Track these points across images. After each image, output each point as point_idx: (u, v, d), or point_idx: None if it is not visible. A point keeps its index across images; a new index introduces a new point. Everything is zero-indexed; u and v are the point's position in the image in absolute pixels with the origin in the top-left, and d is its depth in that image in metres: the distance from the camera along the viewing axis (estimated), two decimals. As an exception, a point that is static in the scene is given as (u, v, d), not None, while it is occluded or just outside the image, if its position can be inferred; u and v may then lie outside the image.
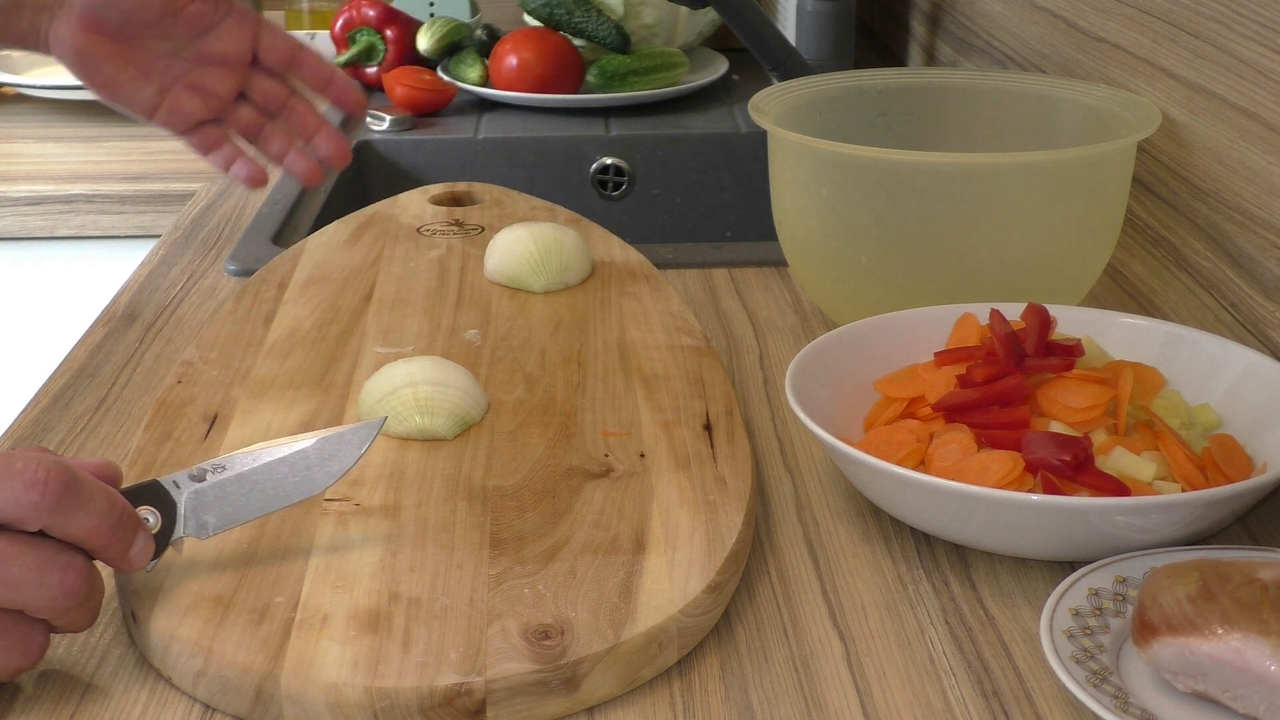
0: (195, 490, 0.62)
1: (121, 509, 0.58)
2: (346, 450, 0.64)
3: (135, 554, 0.59)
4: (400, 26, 1.66)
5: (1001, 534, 0.66)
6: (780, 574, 0.68)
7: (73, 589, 0.57)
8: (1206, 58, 0.89)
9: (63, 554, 0.57)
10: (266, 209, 1.24)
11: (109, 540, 0.58)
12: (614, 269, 0.99)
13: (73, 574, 0.57)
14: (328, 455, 0.64)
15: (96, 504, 0.57)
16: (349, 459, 0.64)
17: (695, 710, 0.59)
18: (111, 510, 0.57)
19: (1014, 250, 0.87)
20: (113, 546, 0.58)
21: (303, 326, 0.90)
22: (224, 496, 0.63)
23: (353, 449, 0.65)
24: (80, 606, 0.58)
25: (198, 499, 0.62)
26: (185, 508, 0.62)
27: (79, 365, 0.93)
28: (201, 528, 0.62)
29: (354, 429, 0.65)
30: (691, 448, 0.74)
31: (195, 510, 0.62)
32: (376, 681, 0.56)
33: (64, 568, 0.56)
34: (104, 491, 0.58)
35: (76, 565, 0.57)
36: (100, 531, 0.57)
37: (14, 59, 1.73)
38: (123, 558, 0.59)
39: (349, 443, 0.65)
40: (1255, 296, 0.84)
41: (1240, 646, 0.55)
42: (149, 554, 0.60)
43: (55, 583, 0.56)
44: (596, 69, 1.59)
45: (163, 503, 0.61)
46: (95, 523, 0.57)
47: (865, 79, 1.04)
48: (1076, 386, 0.72)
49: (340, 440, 0.64)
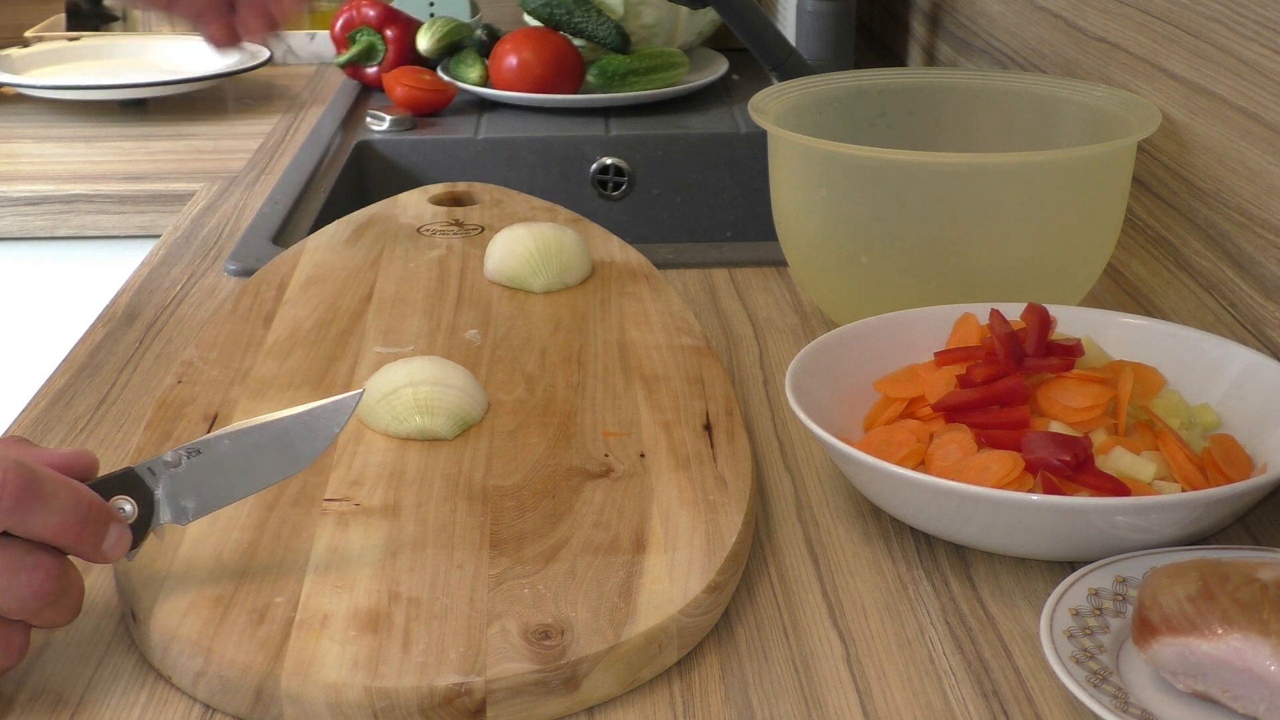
0: (172, 475, 0.61)
1: (89, 503, 0.57)
2: (326, 425, 0.63)
3: (110, 546, 0.58)
4: (400, 26, 1.66)
5: (1001, 534, 0.66)
6: (780, 574, 0.68)
7: (42, 590, 0.56)
8: (1206, 58, 0.89)
9: (30, 554, 0.55)
10: (267, 209, 1.24)
11: (77, 536, 0.56)
12: (614, 269, 0.99)
13: (41, 574, 0.55)
14: (306, 431, 0.62)
15: (60, 501, 0.55)
16: (329, 434, 0.63)
17: (695, 710, 0.59)
18: (77, 506, 0.56)
19: (1014, 250, 0.87)
20: (83, 541, 0.57)
21: (303, 326, 0.90)
22: (202, 480, 0.61)
23: (332, 423, 0.63)
24: (55, 605, 0.57)
25: (174, 484, 0.61)
26: (163, 494, 0.61)
27: (79, 365, 0.93)
28: (181, 513, 0.61)
29: (331, 403, 0.63)
30: (691, 448, 0.74)
31: (173, 496, 0.61)
32: (376, 681, 0.56)
33: (31, 569, 0.55)
34: (67, 487, 0.56)
35: (45, 565, 0.56)
36: (66, 528, 0.56)
37: (13, 59, 1.73)
38: (96, 551, 0.57)
39: (327, 418, 0.63)
40: (1255, 296, 0.84)
41: (1240, 646, 0.55)
42: (125, 545, 0.59)
43: (24, 584, 0.55)
44: (596, 69, 1.59)
45: (139, 491, 0.60)
46: (59, 520, 0.56)
47: (865, 79, 1.04)
48: (1076, 386, 0.72)
49: (318, 416, 0.63)
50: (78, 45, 1.82)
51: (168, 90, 1.65)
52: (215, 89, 1.73)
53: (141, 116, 1.63)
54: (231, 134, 1.55)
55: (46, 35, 1.91)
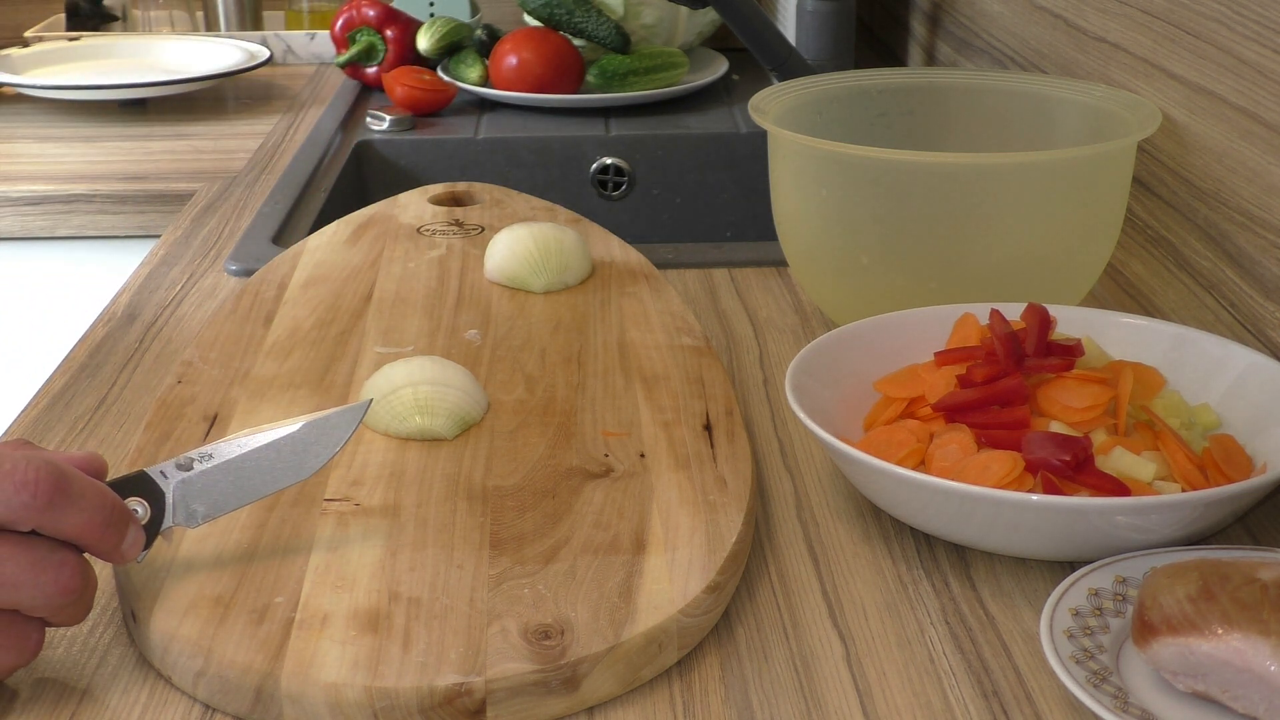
0: (183, 479, 0.62)
1: (112, 504, 0.58)
2: (334, 434, 0.64)
3: (127, 547, 0.59)
4: (400, 26, 1.66)
5: (1001, 534, 0.66)
6: (780, 574, 0.68)
7: (68, 586, 0.57)
8: (1206, 58, 0.89)
9: (56, 552, 0.56)
10: (266, 209, 1.24)
11: (101, 536, 0.58)
12: (614, 269, 0.99)
13: (67, 571, 0.56)
14: (315, 439, 0.64)
15: (88, 501, 0.57)
16: (336, 442, 0.64)
17: (695, 710, 0.59)
18: (103, 506, 0.57)
19: (1014, 250, 0.87)
20: (106, 541, 0.58)
21: (303, 326, 0.90)
22: (212, 484, 0.62)
23: (340, 432, 0.64)
24: (75, 603, 0.58)
25: (186, 488, 0.62)
26: (174, 497, 0.62)
27: (79, 365, 0.93)
28: (191, 516, 0.62)
29: (340, 412, 0.64)
30: (691, 448, 0.74)
31: (184, 499, 0.62)
32: (376, 681, 0.56)
33: (58, 566, 0.56)
34: (94, 488, 0.57)
35: (70, 563, 0.57)
36: (92, 528, 0.57)
37: (13, 59, 1.73)
38: (115, 551, 0.59)
39: (336, 426, 0.64)
40: (1255, 296, 0.84)
41: (1240, 646, 0.55)
42: (140, 545, 0.60)
43: (50, 581, 0.56)
44: (596, 69, 1.59)
45: (151, 493, 0.61)
46: (87, 520, 0.57)
47: (865, 79, 1.04)
48: (1076, 386, 0.72)
49: (327, 424, 0.64)
50: (78, 45, 1.82)
51: (168, 90, 1.65)
52: (215, 89, 1.73)
53: (141, 116, 1.63)
54: (231, 134, 1.55)
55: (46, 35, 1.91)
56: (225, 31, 2.00)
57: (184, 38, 1.89)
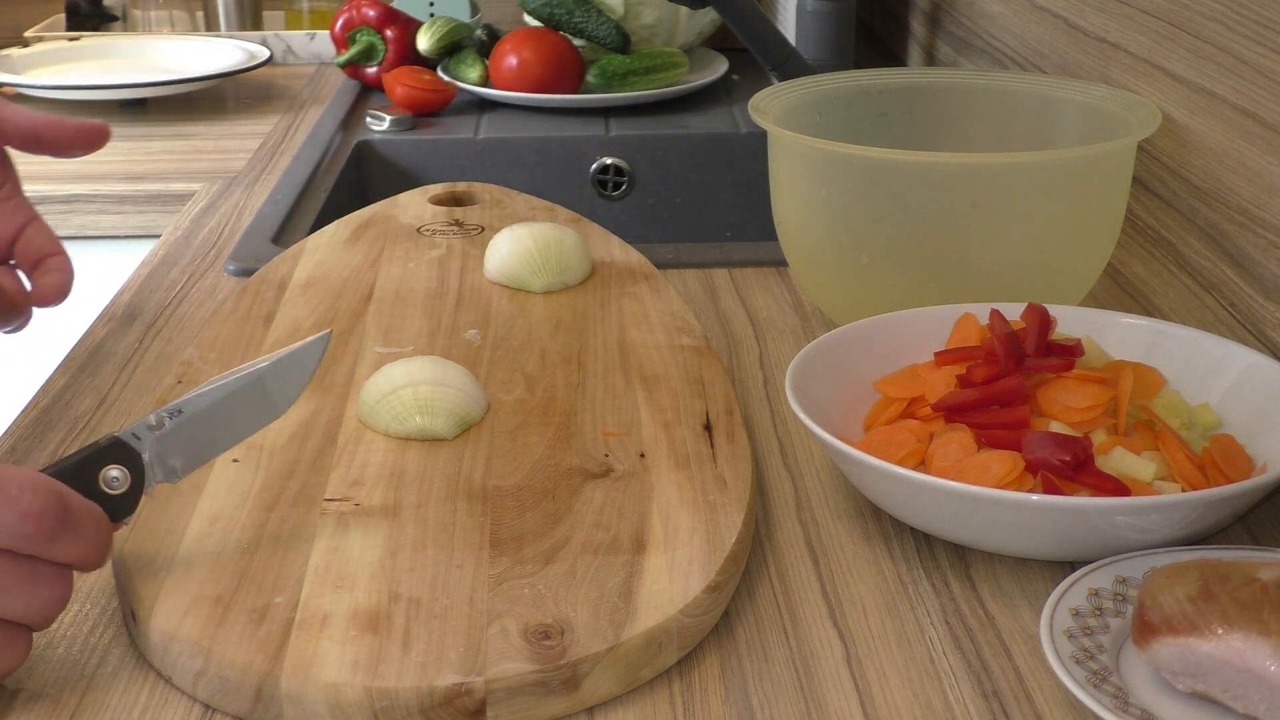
0: (157, 437, 0.62)
1: (107, 529, 0.59)
2: (299, 370, 0.65)
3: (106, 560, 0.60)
4: (400, 26, 1.66)
5: (1001, 534, 0.66)
6: (780, 574, 0.68)
7: (63, 600, 0.58)
8: (1206, 58, 0.89)
9: (50, 566, 0.57)
10: (266, 209, 1.24)
11: (95, 562, 0.59)
12: (614, 269, 0.99)
13: (61, 584, 0.58)
14: (281, 378, 0.64)
15: (86, 530, 0.57)
16: (303, 378, 0.65)
17: (695, 710, 0.59)
18: (98, 533, 0.58)
19: (1014, 250, 0.87)
20: (95, 565, 0.59)
21: (303, 326, 0.90)
22: (187, 438, 0.63)
23: (305, 366, 0.65)
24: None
25: (161, 445, 0.62)
26: (151, 457, 0.62)
27: (79, 365, 0.93)
28: (171, 473, 0.63)
29: (303, 345, 0.65)
30: (691, 448, 0.74)
31: (161, 457, 0.62)
32: (376, 681, 0.56)
33: (53, 578, 0.57)
34: (92, 516, 0.58)
35: (65, 575, 0.58)
36: (88, 556, 0.58)
37: (13, 59, 1.73)
38: (98, 566, 0.59)
39: (300, 361, 0.65)
40: (1255, 296, 0.84)
41: (1240, 646, 0.55)
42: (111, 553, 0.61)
43: (47, 595, 0.57)
44: (596, 69, 1.59)
45: (128, 457, 0.61)
46: (83, 551, 0.58)
47: (865, 79, 1.04)
48: (1076, 386, 0.72)
49: (291, 361, 0.64)
50: (78, 45, 1.82)
51: (168, 90, 1.65)
52: (215, 89, 1.73)
53: (141, 116, 1.63)
54: (231, 134, 1.55)
55: (46, 35, 1.91)
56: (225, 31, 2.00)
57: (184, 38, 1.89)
